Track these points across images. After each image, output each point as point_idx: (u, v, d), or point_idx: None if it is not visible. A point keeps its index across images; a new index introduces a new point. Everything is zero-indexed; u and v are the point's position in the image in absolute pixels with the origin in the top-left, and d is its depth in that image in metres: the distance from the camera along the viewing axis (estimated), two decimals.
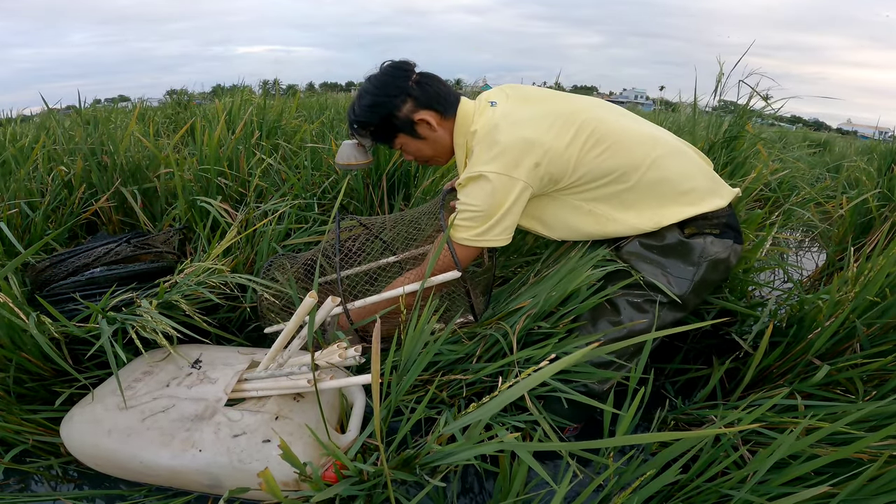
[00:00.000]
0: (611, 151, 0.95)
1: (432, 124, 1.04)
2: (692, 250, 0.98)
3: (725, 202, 1.01)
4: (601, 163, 0.95)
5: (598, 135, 0.95)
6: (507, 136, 0.94)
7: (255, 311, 1.27)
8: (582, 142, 0.95)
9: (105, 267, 1.09)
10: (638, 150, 0.96)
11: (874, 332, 0.99)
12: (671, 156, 0.99)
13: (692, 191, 0.98)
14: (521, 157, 0.93)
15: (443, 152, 1.09)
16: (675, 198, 0.98)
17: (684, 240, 0.98)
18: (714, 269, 0.99)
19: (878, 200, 1.90)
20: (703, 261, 0.98)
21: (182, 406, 0.86)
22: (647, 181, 0.96)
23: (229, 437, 0.79)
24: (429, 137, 1.06)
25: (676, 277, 0.99)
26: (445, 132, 1.07)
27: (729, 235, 1.00)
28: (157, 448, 0.79)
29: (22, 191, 1.48)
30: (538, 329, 0.98)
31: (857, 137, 8.64)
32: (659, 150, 0.98)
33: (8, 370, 0.91)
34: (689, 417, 1.01)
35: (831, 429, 0.67)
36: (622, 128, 0.98)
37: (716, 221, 0.99)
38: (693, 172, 1.00)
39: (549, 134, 0.94)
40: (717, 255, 0.98)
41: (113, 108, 3.76)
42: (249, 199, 1.56)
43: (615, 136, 0.96)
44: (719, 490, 0.71)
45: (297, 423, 0.82)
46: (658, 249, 1.00)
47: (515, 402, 0.89)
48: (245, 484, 0.76)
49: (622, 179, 0.96)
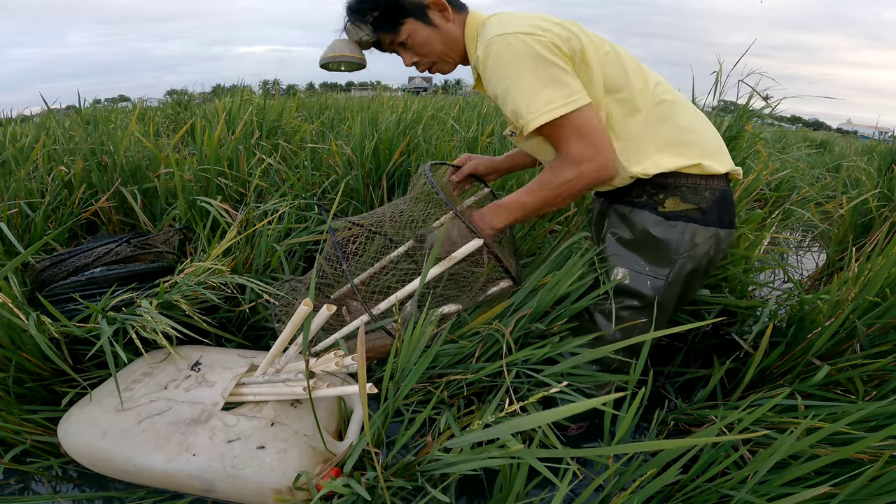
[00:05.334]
0: (624, 74, 0.89)
1: (448, 12, 0.94)
2: (667, 245, 0.90)
3: (724, 169, 0.91)
4: (615, 74, 0.89)
5: (615, 55, 0.90)
6: (519, 20, 0.86)
7: (254, 310, 1.27)
8: (604, 52, 0.89)
9: (105, 267, 1.09)
10: (650, 87, 0.90)
11: (874, 333, 0.99)
12: (682, 104, 0.93)
13: (694, 144, 0.90)
14: (540, 25, 0.85)
15: (454, 49, 0.97)
16: (674, 145, 0.89)
17: (656, 236, 0.91)
18: (693, 268, 0.92)
19: (878, 200, 1.90)
20: (678, 257, 0.90)
21: (178, 409, 0.85)
22: (654, 115, 0.89)
23: (223, 443, 0.79)
24: (441, 27, 0.95)
25: (651, 277, 0.92)
26: (458, 28, 0.96)
27: (713, 218, 0.90)
28: (150, 451, 0.79)
29: (22, 191, 1.48)
30: (534, 329, 0.98)
31: (857, 137, 8.64)
32: (669, 96, 0.92)
33: (8, 370, 0.91)
34: (689, 418, 1.01)
35: (832, 429, 0.66)
36: (639, 67, 0.93)
37: (706, 194, 0.90)
38: (701, 127, 0.93)
39: (568, 31, 0.87)
40: (696, 249, 0.90)
41: (113, 108, 3.77)
42: (249, 199, 1.56)
43: (631, 64, 0.91)
44: (720, 490, 0.71)
45: (292, 430, 0.82)
46: (629, 244, 0.94)
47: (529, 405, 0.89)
48: (238, 489, 0.76)
49: (629, 101, 0.89)
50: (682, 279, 0.92)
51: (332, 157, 1.85)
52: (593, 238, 1.04)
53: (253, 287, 1.13)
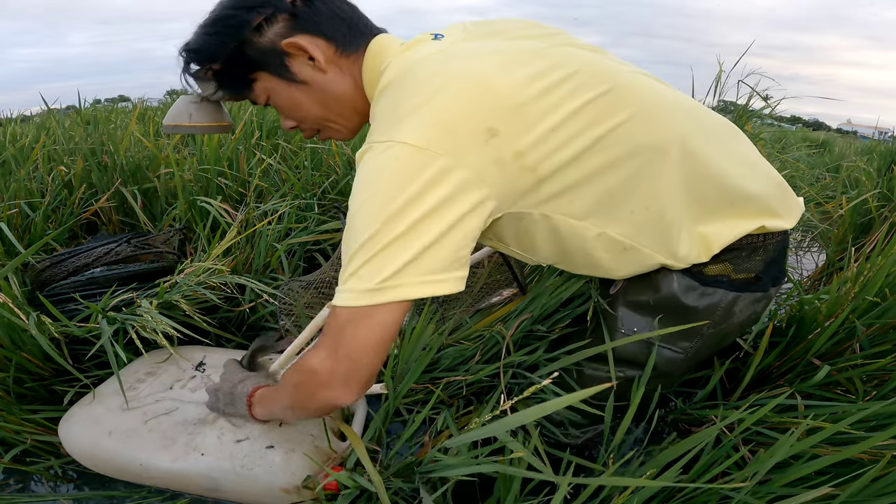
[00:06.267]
0: (634, 122, 0.58)
1: (318, 59, 0.62)
2: (695, 315, 0.68)
3: (791, 224, 0.68)
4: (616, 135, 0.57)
5: (608, 94, 0.57)
6: (434, 77, 0.55)
7: (254, 310, 1.27)
8: (579, 98, 0.56)
9: (105, 267, 1.09)
10: (668, 124, 0.61)
11: (874, 333, 0.99)
12: (717, 139, 0.65)
13: (751, 199, 0.65)
14: (461, 119, 0.52)
15: (343, 108, 0.66)
16: (727, 206, 0.64)
17: (686, 304, 0.68)
18: (723, 338, 0.74)
19: (877, 200, 1.90)
20: (708, 329, 0.69)
21: (185, 409, 0.85)
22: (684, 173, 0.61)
23: (232, 443, 0.79)
24: (312, 82, 0.64)
25: (666, 349, 0.72)
26: (345, 76, 0.65)
27: (766, 281, 0.69)
28: (157, 450, 0.79)
29: (22, 191, 1.48)
30: (535, 332, 0.98)
31: (856, 138, 8.64)
32: (698, 128, 0.64)
33: (8, 370, 0.91)
34: (689, 418, 1.01)
35: (833, 429, 0.66)
36: (651, 90, 0.62)
37: (762, 256, 0.67)
38: (753, 167, 0.67)
39: (511, 74, 0.55)
40: (733, 318, 0.69)
41: (113, 108, 3.76)
42: (249, 199, 1.56)
43: (636, 98, 0.59)
44: (720, 491, 0.71)
45: (298, 430, 0.82)
46: (645, 308, 0.71)
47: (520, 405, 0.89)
48: (246, 488, 0.76)
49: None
50: (705, 352, 0.74)
51: (332, 158, 1.85)
52: (596, 282, 0.83)
53: (253, 287, 1.13)
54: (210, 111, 0.74)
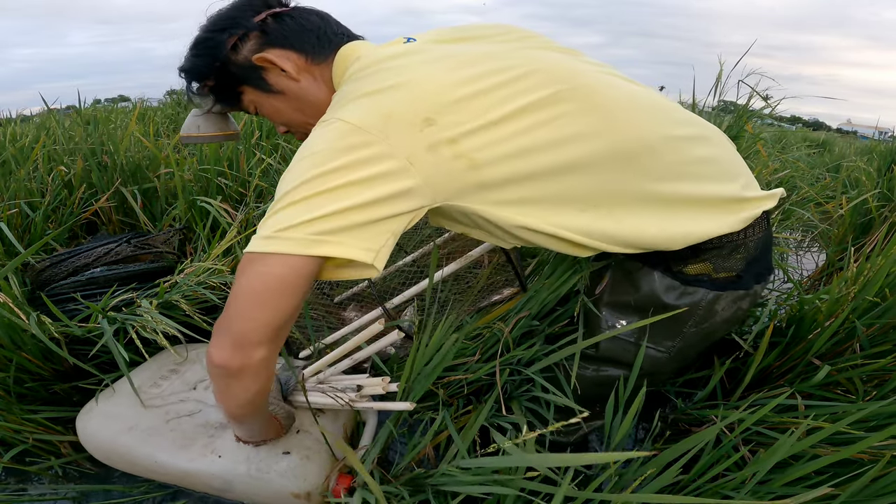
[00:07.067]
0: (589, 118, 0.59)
1: (288, 71, 0.67)
2: (678, 314, 0.70)
3: (741, 224, 0.67)
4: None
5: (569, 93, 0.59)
6: (388, 74, 0.59)
7: None
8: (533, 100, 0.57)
9: (105, 267, 1.09)
10: (628, 122, 0.61)
11: (874, 333, 0.99)
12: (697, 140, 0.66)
13: (716, 196, 0.65)
14: (401, 111, 0.55)
15: (318, 113, 0.66)
16: (685, 204, 0.65)
17: (666, 303, 0.70)
18: (707, 336, 0.74)
19: (877, 200, 1.90)
20: (690, 328, 0.72)
21: (208, 412, 0.86)
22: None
23: (249, 447, 0.80)
24: (288, 91, 0.70)
25: (648, 347, 0.74)
26: (317, 83, 0.69)
27: (749, 278, 0.70)
28: (176, 450, 0.80)
29: (22, 191, 1.48)
30: (534, 329, 0.98)
31: (856, 137, 8.64)
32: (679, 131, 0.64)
33: (8, 370, 0.91)
34: (689, 418, 1.01)
35: (833, 429, 0.66)
36: (615, 90, 0.63)
37: (742, 254, 0.68)
38: (720, 154, 0.68)
39: (457, 74, 0.57)
40: (716, 317, 0.71)
41: (113, 108, 3.76)
42: (249, 199, 1.56)
43: (599, 97, 0.60)
44: (720, 491, 0.71)
45: (315, 438, 0.82)
46: (626, 309, 0.74)
47: (513, 402, 0.89)
48: (258, 491, 0.77)
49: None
50: (690, 350, 0.76)
51: None
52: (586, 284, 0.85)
53: None
54: (216, 122, 0.82)
